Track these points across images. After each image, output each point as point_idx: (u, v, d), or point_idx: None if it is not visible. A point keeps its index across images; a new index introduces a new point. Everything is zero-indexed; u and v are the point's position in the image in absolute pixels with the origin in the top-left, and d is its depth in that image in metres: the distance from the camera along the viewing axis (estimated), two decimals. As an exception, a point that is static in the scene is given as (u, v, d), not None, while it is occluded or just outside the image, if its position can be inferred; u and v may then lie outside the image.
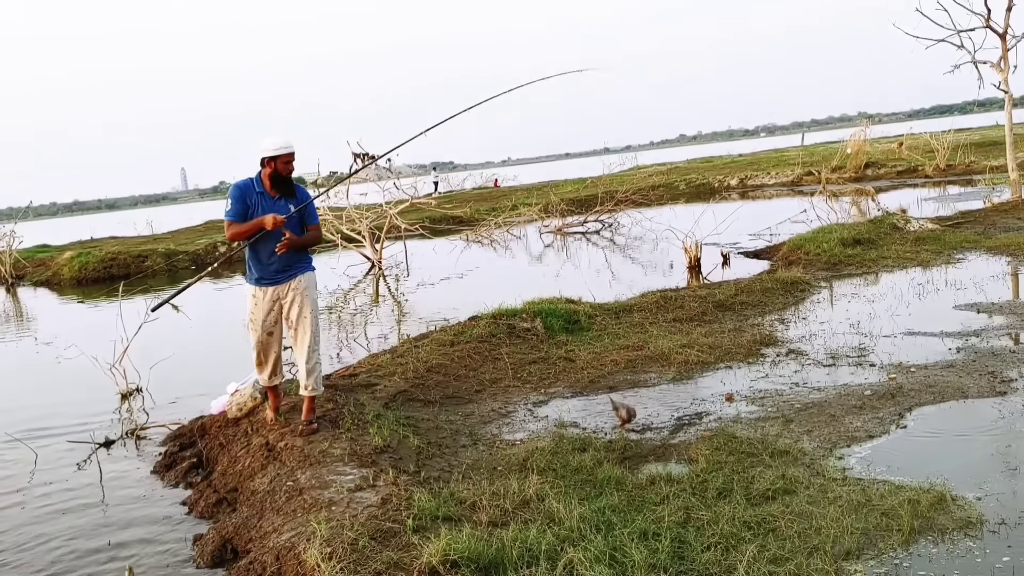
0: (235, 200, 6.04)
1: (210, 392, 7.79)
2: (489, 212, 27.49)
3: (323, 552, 4.14)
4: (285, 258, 6.12)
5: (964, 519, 4.38)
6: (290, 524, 4.80)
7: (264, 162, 6.05)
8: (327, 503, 4.95)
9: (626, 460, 5.70)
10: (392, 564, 4.03)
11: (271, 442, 6.22)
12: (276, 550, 4.47)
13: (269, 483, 5.61)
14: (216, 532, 5.25)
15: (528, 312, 9.56)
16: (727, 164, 45.06)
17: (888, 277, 11.39)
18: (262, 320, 6.24)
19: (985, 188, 21.51)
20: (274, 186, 6.08)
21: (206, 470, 6.63)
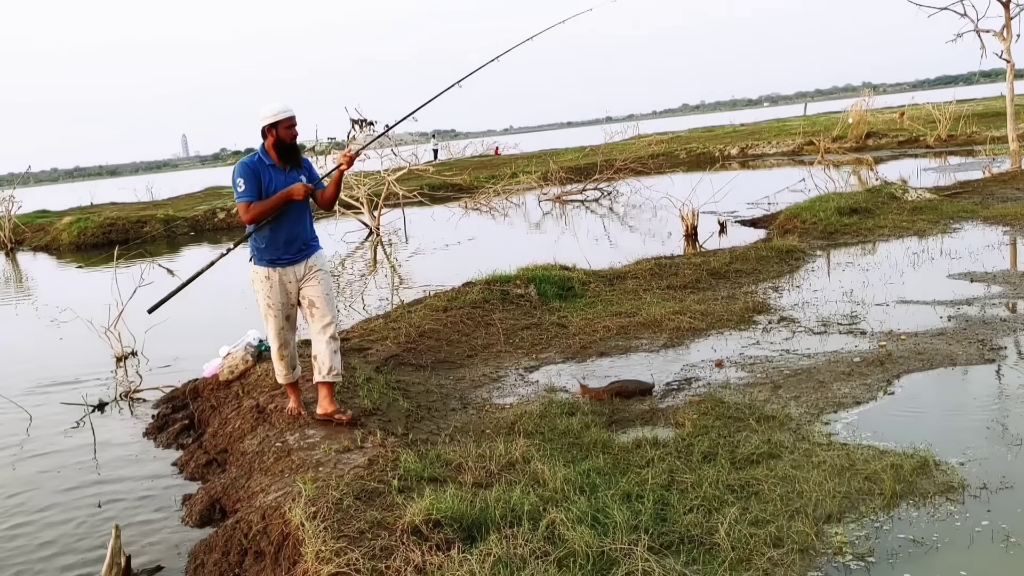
0: (247, 178, 5.44)
1: (203, 355, 7.81)
2: (488, 179, 27.42)
3: (307, 511, 4.17)
4: (304, 235, 5.65)
5: (946, 484, 4.41)
6: (277, 484, 4.84)
7: (265, 131, 5.53)
8: (315, 464, 4.98)
9: (613, 424, 5.73)
10: (375, 523, 4.05)
11: (261, 404, 6.26)
12: (262, 509, 4.50)
13: (258, 444, 5.65)
14: (205, 492, 5.29)
15: (522, 278, 9.56)
16: (728, 133, 44.82)
17: (884, 246, 11.38)
18: (281, 304, 5.64)
19: (985, 158, 21.42)
20: (281, 156, 5.53)
21: (197, 432, 6.67)
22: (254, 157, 5.57)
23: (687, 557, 3.82)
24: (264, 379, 6.70)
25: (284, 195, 5.45)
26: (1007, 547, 3.82)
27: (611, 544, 3.81)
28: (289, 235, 5.59)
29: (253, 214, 5.46)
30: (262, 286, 5.65)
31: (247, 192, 5.46)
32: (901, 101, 49.29)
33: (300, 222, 5.65)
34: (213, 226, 25.85)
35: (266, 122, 5.50)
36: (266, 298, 5.65)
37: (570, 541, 3.82)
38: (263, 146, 5.58)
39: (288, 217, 5.56)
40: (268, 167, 5.53)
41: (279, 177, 5.54)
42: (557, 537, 3.89)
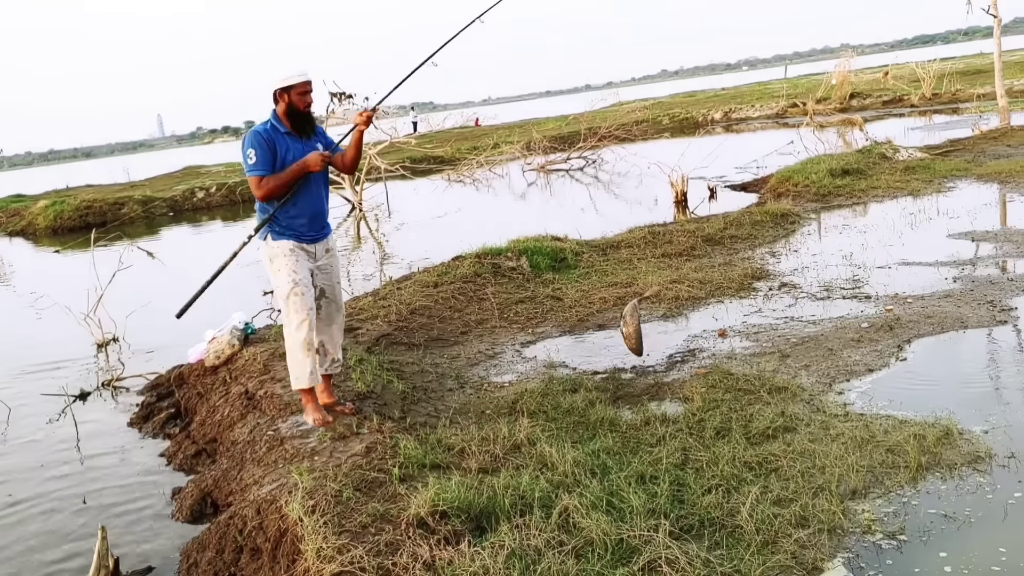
0: (260, 148, 4.84)
1: (187, 340, 7.53)
2: (471, 151, 27.05)
3: (305, 505, 3.94)
4: (326, 211, 5.17)
5: (972, 453, 4.22)
6: (271, 476, 4.60)
7: (277, 96, 4.95)
8: (309, 453, 4.75)
9: (619, 400, 5.52)
10: (378, 516, 3.83)
11: (250, 390, 6.00)
12: (257, 503, 4.26)
13: (249, 433, 5.40)
14: (195, 485, 5.05)
15: (513, 251, 9.31)
16: (710, 98, 44.53)
17: (879, 207, 11.18)
18: (306, 280, 4.98)
19: (972, 116, 21.25)
20: (294, 125, 4.98)
21: (184, 421, 6.42)
22: (266, 124, 4.97)
23: (710, 542, 3.62)
24: (252, 364, 6.44)
25: (300, 167, 4.88)
26: (1043, 520, 3.64)
27: (630, 531, 3.60)
28: (315, 210, 5.06)
29: (267, 190, 4.86)
30: (286, 261, 4.94)
31: (259, 164, 4.85)
32: (881, 61, 49.09)
33: (323, 196, 5.16)
34: (192, 206, 25.43)
35: (279, 86, 4.93)
36: (291, 273, 4.93)
37: (586, 529, 3.61)
38: (275, 112, 5.01)
39: (312, 191, 5.03)
40: (283, 135, 4.96)
41: (296, 146, 4.97)
42: (572, 525, 3.68)
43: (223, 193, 25.76)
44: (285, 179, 4.87)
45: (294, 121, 4.98)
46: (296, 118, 4.98)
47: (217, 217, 23.06)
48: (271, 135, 4.91)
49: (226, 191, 25.78)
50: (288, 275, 4.92)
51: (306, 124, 5.04)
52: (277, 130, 4.95)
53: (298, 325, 4.93)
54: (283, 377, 6.06)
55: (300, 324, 4.93)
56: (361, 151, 5.22)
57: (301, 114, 5.00)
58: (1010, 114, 17.76)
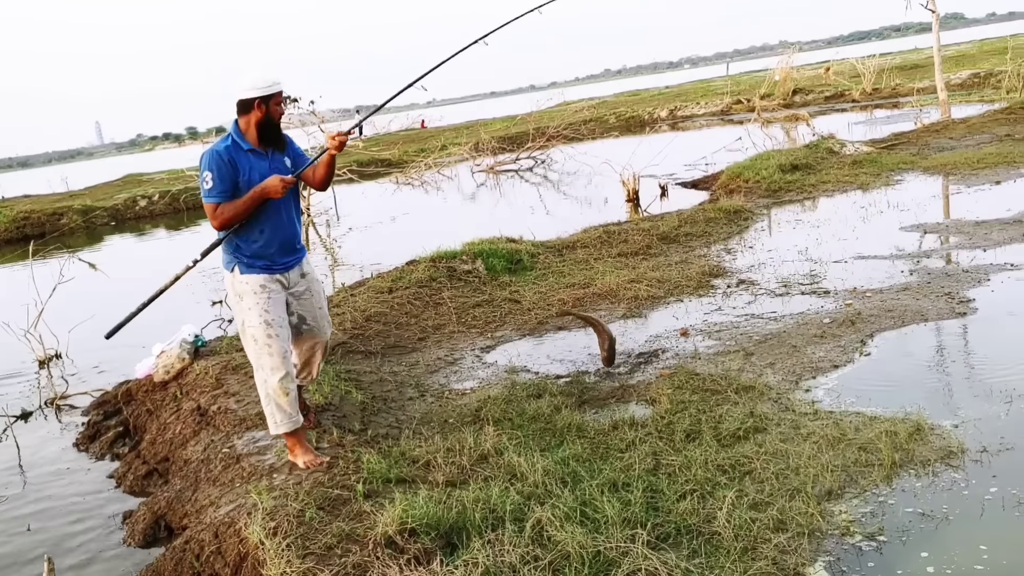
0: (219, 172, 4.27)
1: (135, 355, 7.27)
2: (418, 153, 26.85)
3: (266, 527, 3.76)
4: (298, 235, 4.61)
5: (944, 449, 4.18)
6: (228, 496, 4.40)
7: (251, 105, 4.33)
8: (268, 470, 4.56)
9: (584, 404, 5.42)
10: (344, 536, 3.67)
11: (203, 406, 5.78)
12: (214, 526, 4.07)
13: (203, 451, 5.19)
14: (147, 508, 4.83)
15: (468, 253, 9.16)
16: (655, 96, 44.80)
17: (830, 201, 11.25)
18: (280, 318, 4.45)
19: (913, 110, 21.59)
20: (264, 138, 4.39)
21: (134, 439, 6.17)
22: (226, 141, 4.37)
23: (688, 550, 3.53)
24: (204, 378, 6.21)
25: (259, 193, 4.29)
26: (1022, 515, 3.60)
27: (606, 543, 3.48)
28: (285, 236, 4.49)
29: (223, 219, 4.32)
30: (257, 299, 4.39)
31: (215, 190, 4.28)
32: (820, 58, 49.83)
33: (294, 219, 4.59)
34: (135, 214, 24.83)
35: (255, 94, 4.32)
36: (263, 313, 4.37)
37: (562, 542, 3.48)
38: (237, 126, 4.40)
39: (281, 215, 4.46)
40: (246, 153, 4.36)
41: (261, 164, 4.39)
42: (546, 538, 3.56)
43: (166, 201, 25.20)
44: (243, 207, 4.30)
45: (267, 135, 4.41)
46: (271, 131, 4.42)
47: (161, 225, 22.55)
48: (232, 155, 4.32)
49: (169, 199, 25.23)
50: (258, 314, 4.38)
51: (279, 138, 4.50)
52: (239, 147, 4.36)
53: (272, 369, 4.38)
54: (237, 391, 5.86)
55: (274, 369, 4.38)
56: (334, 170, 4.60)
57: (276, 125, 4.45)
58: (950, 107, 18.04)
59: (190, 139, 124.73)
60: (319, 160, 4.51)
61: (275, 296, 4.45)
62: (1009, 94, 20.34)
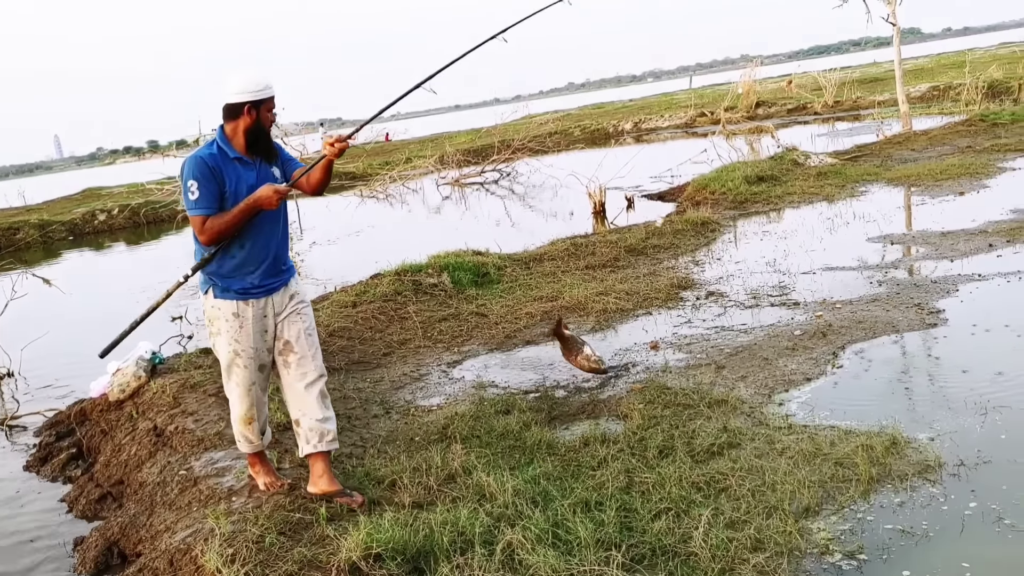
0: (204, 181, 3.91)
1: (89, 373, 7.03)
2: (383, 166, 26.67)
3: (224, 554, 3.59)
4: (283, 253, 4.23)
5: (922, 463, 4.11)
6: (185, 521, 4.22)
7: (240, 111, 3.99)
8: (226, 493, 4.39)
9: (554, 420, 5.29)
10: (306, 563, 3.51)
11: (159, 426, 5.58)
12: (169, 553, 3.89)
13: (159, 473, 5.00)
14: (99, 534, 4.62)
15: (434, 267, 9.02)
16: (619, 109, 44.98)
17: (796, 213, 11.25)
18: (254, 350, 4.11)
19: (874, 122, 21.79)
20: (252, 146, 4.05)
21: (87, 461, 5.94)
22: (211, 148, 4.03)
23: (664, 572, 3.40)
24: (161, 397, 6.00)
25: (251, 204, 3.93)
26: (1003, 531, 3.53)
27: (580, 566, 3.35)
28: (265, 254, 4.10)
29: (211, 234, 3.93)
30: (227, 326, 4.08)
31: (202, 202, 3.92)
32: (781, 72, 50.40)
33: (278, 235, 4.19)
34: (93, 229, 24.36)
35: (245, 98, 3.98)
36: (232, 343, 4.08)
37: (533, 566, 3.35)
38: (223, 133, 4.06)
39: (263, 229, 4.08)
40: (232, 161, 4.01)
41: (249, 174, 4.04)
42: (518, 563, 3.43)
43: (126, 215, 24.77)
44: (233, 220, 3.93)
45: (256, 143, 4.07)
46: (261, 139, 4.08)
47: (120, 240, 22.14)
48: (218, 162, 3.97)
49: (129, 213, 24.80)
50: (227, 342, 4.10)
51: (269, 147, 4.15)
52: (225, 155, 4.00)
53: (237, 400, 4.22)
54: (195, 410, 5.67)
55: (239, 400, 4.21)
56: (331, 174, 4.22)
57: (266, 133, 4.12)
58: (911, 120, 18.21)
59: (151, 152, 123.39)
60: (316, 165, 4.17)
61: (247, 325, 4.08)
62: (968, 106, 20.59)
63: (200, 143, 20.05)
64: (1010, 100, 22.06)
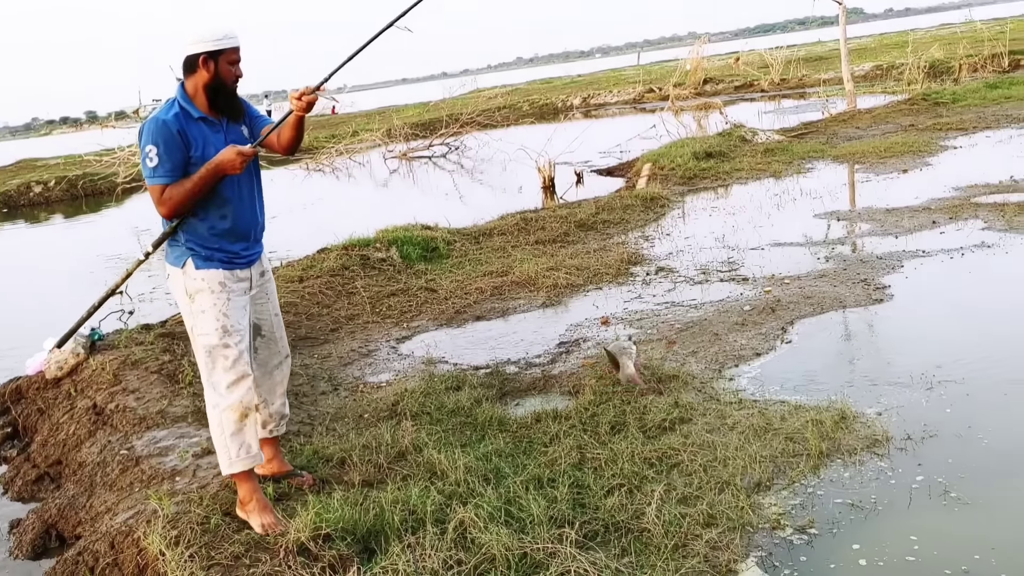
0: (165, 147, 3.49)
1: (24, 350, 6.79)
2: (329, 139, 26.31)
3: (167, 536, 3.49)
4: (262, 220, 3.90)
5: (870, 437, 4.14)
6: (126, 502, 4.10)
7: (196, 63, 3.58)
8: (170, 473, 4.27)
9: (505, 396, 5.25)
10: (253, 544, 3.43)
11: (99, 404, 5.42)
12: (110, 535, 3.77)
13: (99, 453, 4.85)
14: (36, 516, 4.47)
15: (382, 241, 8.90)
16: (567, 84, 44.93)
17: (744, 188, 11.32)
18: (240, 324, 3.68)
19: (819, 100, 22.02)
20: (215, 104, 3.65)
21: (23, 441, 5.75)
22: (172, 108, 3.59)
23: (618, 548, 3.39)
24: (101, 374, 5.82)
25: (212, 170, 3.53)
26: (948, 503, 3.57)
27: (533, 544, 3.32)
28: (249, 222, 3.77)
29: (172, 204, 3.54)
30: (215, 300, 3.62)
31: (162, 169, 3.50)
32: (728, 49, 50.71)
33: (257, 201, 3.87)
34: (29, 201, 23.65)
35: (201, 48, 3.57)
36: (221, 317, 3.60)
37: (486, 545, 3.30)
38: (183, 90, 3.64)
39: (243, 194, 3.74)
40: (197, 122, 3.61)
41: (216, 136, 3.65)
42: (470, 541, 3.38)
43: (63, 187, 24.09)
44: (194, 188, 3.53)
45: (218, 100, 3.66)
46: (222, 96, 3.66)
47: (58, 212, 21.55)
48: (180, 123, 3.55)
49: (67, 185, 24.12)
50: (215, 320, 3.60)
51: (234, 104, 3.73)
52: (188, 115, 3.60)
53: (229, 386, 3.62)
54: (137, 387, 5.52)
55: (232, 385, 3.62)
56: (302, 132, 3.85)
57: (229, 91, 3.68)
58: (856, 98, 18.43)
59: (89, 123, 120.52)
60: (283, 123, 3.79)
61: (236, 298, 3.67)
62: (910, 86, 20.91)
63: (140, 113, 19.44)
64: (951, 80, 22.47)
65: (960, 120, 14.65)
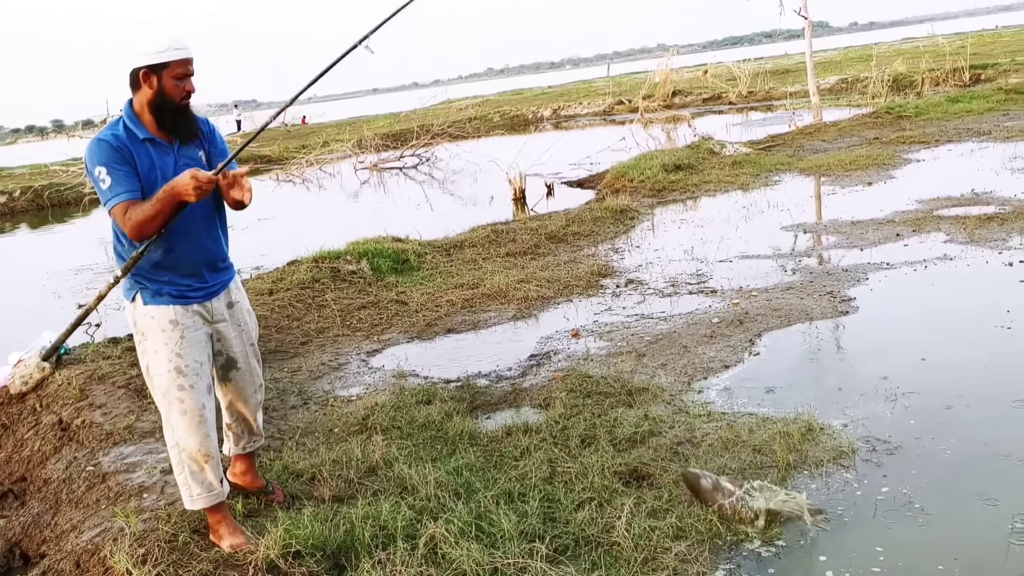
0: (113, 163, 3.22)
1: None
2: (299, 150, 26.21)
3: (134, 554, 3.46)
4: (221, 250, 3.63)
5: (836, 449, 4.19)
6: (93, 519, 4.06)
7: (139, 79, 3.30)
8: (137, 490, 4.23)
9: (476, 410, 5.25)
10: (221, 562, 3.40)
11: (65, 420, 5.36)
12: (76, 554, 3.73)
13: (65, 469, 4.79)
14: (0, 534, 4.41)
15: (353, 253, 8.88)
16: (538, 96, 45.10)
17: (712, 201, 11.42)
18: (199, 363, 3.44)
19: (786, 112, 22.28)
20: (163, 125, 3.35)
21: (-13, 457, 5.67)
22: (116, 127, 3.33)
23: (587, 562, 3.40)
24: (66, 389, 5.76)
25: (169, 193, 3.18)
26: (914, 514, 3.62)
27: (503, 559, 3.33)
28: (204, 254, 3.50)
29: (135, 224, 3.21)
30: (166, 339, 3.38)
31: (118, 186, 3.21)
32: (696, 61, 51.17)
33: (216, 229, 3.60)
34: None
35: (142, 62, 3.27)
36: (174, 358, 3.38)
37: (457, 560, 3.31)
38: (130, 107, 3.36)
39: (197, 222, 3.45)
40: (143, 143, 3.31)
41: (165, 159, 3.35)
42: (441, 556, 3.38)
43: (29, 197, 23.78)
44: (153, 212, 3.19)
45: (164, 119, 3.35)
46: (168, 114, 3.35)
47: (22, 223, 21.27)
48: (125, 144, 3.28)
49: (32, 195, 23.82)
50: (167, 358, 3.37)
51: (182, 124, 3.41)
52: (134, 136, 3.31)
53: (187, 431, 3.40)
54: (104, 403, 5.47)
55: (189, 431, 3.40)
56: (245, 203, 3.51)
57: (176, 108, 3.36)
58: (822, 111, 18.67)
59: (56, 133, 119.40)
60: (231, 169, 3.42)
61: (190, 335, 3.42)
62: (875, 99, 21.23)
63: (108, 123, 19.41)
64: (914, 94, 22.84)
65: (923, 133, 14.88)
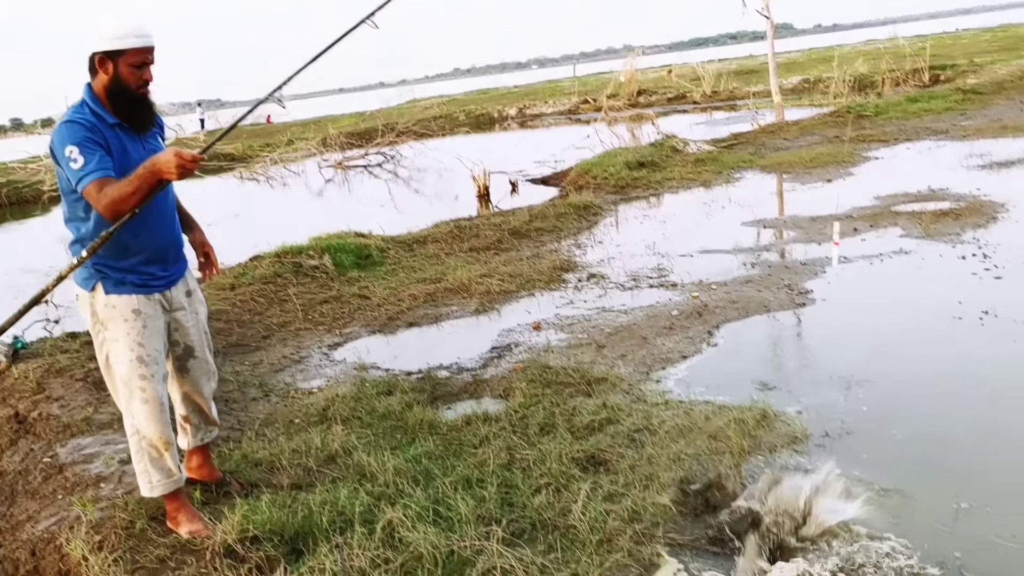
0: (87, 143, 3.14)
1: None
2: (263, 148, 26.05)
3: (91, 541, 3.46)
4: (179, 238, 3.64)
5: (790, 435, 4.28)
6: (49, 509, 4.04)
7: (96, 64, 3.25)
8: (94, 480, 4.22)
9: (437, 400, 5.28)
10: (179, 547, 3.41)
11: (21, 413, 5.31)
12: (32, 543, 3.72)
13: (21, 461, 4.75)
14: (-45, 526, 4.37)
15: (315, 248, 8.86)
16: (504, 95, 45.15)
17: (675, 197, 11.53)
18: (158, 352, 3.46)
19: (749, 112, 22.50)
20: (120, 112, 3.29)
21: (-59, 451, 5.60)
22: (80, 110, 3.25)
23: (544, 545, 3.44)
24: (23, 383, 5.71)
25: (150, 170, 3.10)
26: (863, 495, 3.70)
27: (460, 542, 3.36)
28: (166, 240, 3.50)
29: (110, 201, 3.11)
30: (128, 328, 3.36)
31: (94, 163, 3.12)
32: (661, 62, 51.52)
33: (175, 217, 3.63)
34: None
35: (101, 47, 3.21)
36: (136, 347, 3.36)
37: (413, 543, 3.34)
38: (90, 91, 3.29)
39: (159, 211, 3.41)
40: (112, 128, 3.27)
41: (134, 144, 3.34)
42: (398, 540, 3.40)
43: (-14, 195, 23.42)
44: (132, 189, 3.09)
45: (121, 107, 3.29)
46: (124, 102, 3.29)
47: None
48: (95, 123, 3.22)
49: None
50: (129, 351, 3.36)
51: (138, 114, 3.36)
52: (101, 119, 3.25)
53: (147, 419, 3.42)
54: (61, 395, 5.43)
55: (150, 418, 3.42)
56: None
57: (133, 97, 3.30)
58: (784, 110, 18.88)
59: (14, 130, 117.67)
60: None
61: (152, 324, 3.41)
62: (836, 99, 21.52)
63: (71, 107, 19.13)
64: (874, 93, 23.16)
65: (882, 132, 15.11)
